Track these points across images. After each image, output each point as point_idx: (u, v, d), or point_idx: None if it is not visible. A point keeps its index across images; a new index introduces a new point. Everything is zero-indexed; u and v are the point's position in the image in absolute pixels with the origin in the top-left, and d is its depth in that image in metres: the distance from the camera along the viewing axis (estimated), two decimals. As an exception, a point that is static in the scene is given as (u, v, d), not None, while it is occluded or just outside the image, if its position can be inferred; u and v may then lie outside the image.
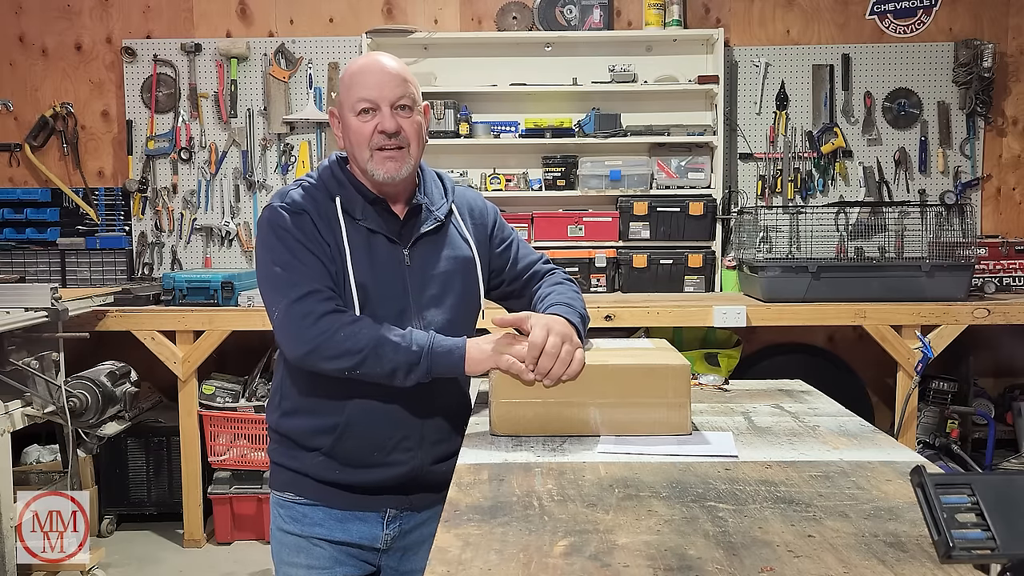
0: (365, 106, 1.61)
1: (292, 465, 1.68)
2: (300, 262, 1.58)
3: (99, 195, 4.28)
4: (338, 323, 1.54)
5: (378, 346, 1.53)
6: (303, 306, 1.55)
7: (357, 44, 4.17)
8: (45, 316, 2.99)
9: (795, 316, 3.59)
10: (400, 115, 1.62)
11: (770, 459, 1.37)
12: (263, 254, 1.63)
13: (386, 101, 1.61)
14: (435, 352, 1.55)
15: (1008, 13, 4.22)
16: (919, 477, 0.90)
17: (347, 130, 1.65)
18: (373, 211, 1.66)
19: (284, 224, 1.60)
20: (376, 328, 1.55)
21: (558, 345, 1.50)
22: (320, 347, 1.54)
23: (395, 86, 1.62)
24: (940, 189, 4.20)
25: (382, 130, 1.61)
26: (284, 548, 1.71)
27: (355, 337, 1.53)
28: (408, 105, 1.63)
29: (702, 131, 4.09)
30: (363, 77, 1.63)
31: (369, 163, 1.63)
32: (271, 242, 1.61)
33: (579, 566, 0.97)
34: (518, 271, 1.82)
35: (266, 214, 1.64)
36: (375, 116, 1.62)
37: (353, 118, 1.63)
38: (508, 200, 4.17)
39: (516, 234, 1.86)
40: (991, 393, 4.15)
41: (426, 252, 1.69)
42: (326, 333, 1.53)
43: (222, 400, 3.73)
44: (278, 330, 1.59)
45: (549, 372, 1.49)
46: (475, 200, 1.83)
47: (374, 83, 1.61)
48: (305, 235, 1.60)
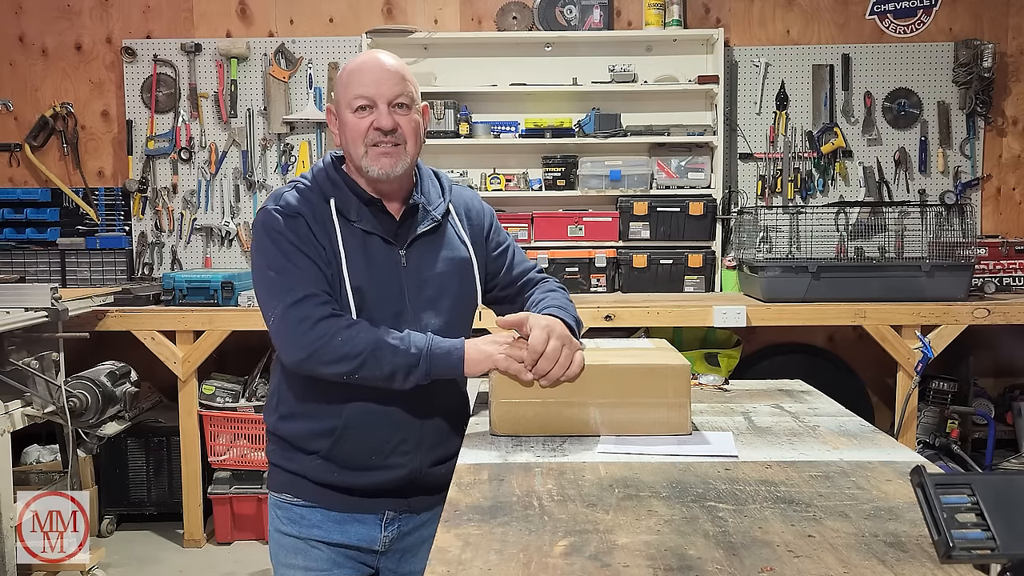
0: (362, 103, 1.61)
1: (290, 467, 1.67)
2: (295, 266, 1.57)
3: (99, 195, 4.28)
4: (335, 327, 1.53)
5: (376, 349, 1.52)
6: (299, 311, 1.54)
7: (357, 44, 4.17)
8: (45, 316, 2.99)
9: (795, 316, 3.59)
10: (397, 113, 1.62)
11: (770, 459, 1.37)
12: (258, 258, 1.62)
13: (383, 98, 1.60)
14: (434, 354, 1.54)
15: (1008, 13, 4.22)
16: (919, 477, 0.90)
17: (343, 127, 1.64)
18: (368, 212, 1.65)
19: (278, 227, 1.59)
20: (374, 331, 1.54)
21: (558, 348, 1.50)
22: (317, 352, 1.53)
23: (393, 84, 1.61)
24: (940, 189, 4.20)
25: (378, 127, 1.60)
26: (282, 549, 1.70)
27: (353, 341, 1.52)
28: (406, 103, 1.62)
29: (702, 131, 4.09)
30: (361, 74, 1.62)
31: (364, 159, 1.62)
32: (265, 245, 1.60)
33: (579, 566, 0.97)
34: (512, 277, 1.81)
35: (260, 217, 1.63)
36: (372, 113, 1.61)
37: (350, 115, 1.62)
38: (508, 200, 4.18)
39: (512, 239, 1.86)
40: (991, 393, 4.15)
41: (423, 253, 1.67)
42: (323, 338, 1.52)
43: (222, 400, 3.73)
44: (275, 335, 1.58)
45: (548, 374, 1.49)
46: (472, 200, 1.82)
47: (372, 80, 1.61)
48: (300, 238, 1.59)
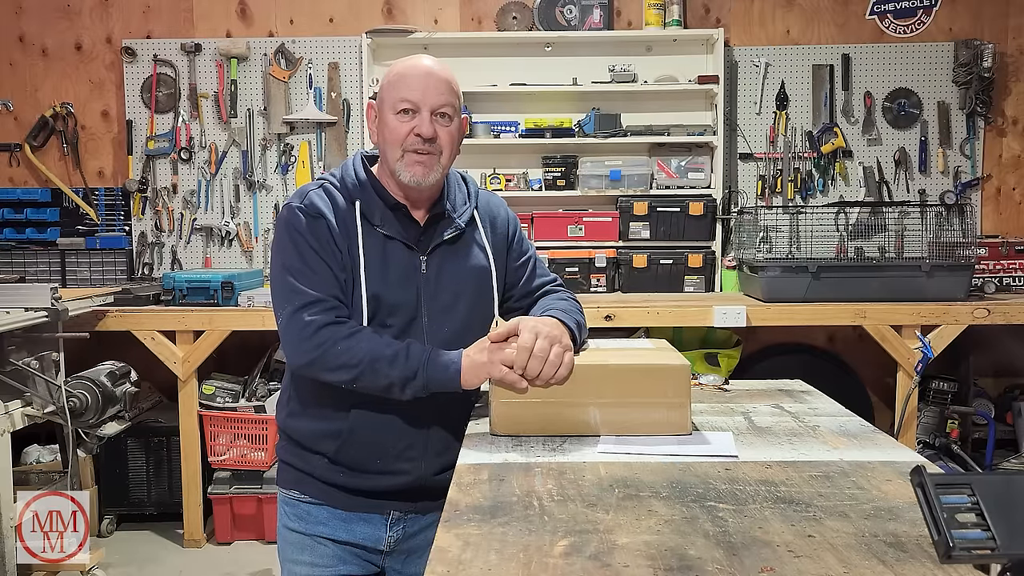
0: (406, 106, 1.60)
1: (298, 464, 1.68)
2: (309, 268, 1.57)
3: (99, 195, 4.28)
4: (336, 336, 1.53)
5: (374, 361, 1.52)
6: (303, 316, 1.55)
7: (357, 44, 4.17)
8: (45, 316, 2.99)
9: (795, 316, 3.59)
10: (439, 123, 1.61)
11: (770, 459, 1.37)
12: (276, 255, 1.63)
13: (428, 106, 1.60)
14: (431, 367, 1.53)
15: (1008, 13, 4.22)
16: (919, 477, 0.90)
17: (383, 127, 1.63)
18: (392, 216, 1.64)
19: (299, 227, 1.60)
20: (374, 341, 1.54)
21: (546, 348, 1.47)
22: (317, 360, 1.54)
23: (439, 93, 1.61)
24: (940, 189, 4.20)
25: (418, 133, 1.59)
26: (289, 546, 1.71)
27: (351, 351, 1.52)
28: (449, 114, 1.63)
29: (702, 131, 4.09)
30: (409, 78, 1.61)
31: (399, 163, 1.61)
32: (284, 243, 1.61)
33: (579, 566, 0.96)
34: (531, 288, 1.80)
35: (284, 213, 1.63)
36: (414, 118, 1.60)
37: (392, 116, 1.61)
38: (508, 200, 4.06)
39: (534, 250, 1.85)
40: (991, 393, 4.15)
41: (443, 260, 1.67)
42: (323, 346, 1.53)
43: (222, 400, 3.73)
44: (281, 337, 1.60)
45: (539, 374, 1.47)
46: (499, 208, 1.82)
47: (419, 85, 1.60)
48: (319, 241, 1.59)
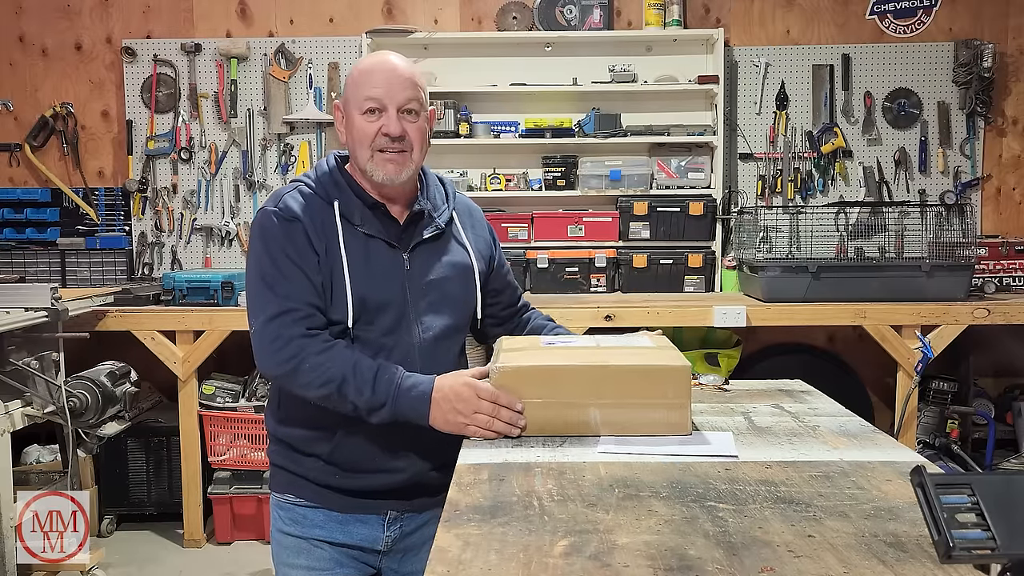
0: (372, 106, 1.59)
1: (291, 468, 1.67)
2: (283, 275, 1.55)
3: (99, 195, 4.28)
4: (307, 351, 1.51)
5: (342, 384, 1.50)
6: (274, 328, 1.53)
7: (357, 44, 4.17)
8: (45, 316, 2.99)
9: (795, 316, 3.59)
10: (406, 119, 1.60)
11: (770, 459, 1.37)
12: (250, 260, 1.61)
13: (393, 103, 1.59)
14: (399, 400, 1.50)
15: (1008, 13, 4.22)
16: (919, 477, 0.90)
17: (351, 127, 1.63)
18: (372, 215, 1.63)
19: (273, 232, 1.58)
20: (345, 362, 1.51)
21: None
22: (287, 375, 1.53)
23: (404, 89, 1.60)
24: (940, 189, 4.20)
25: (386, 133, 1.59)
26: (284, 550, 1.69)
27: (320, 369, 1.50)
28: (415, 110, 1.62)
29: (702, 131, 4.09)
30: (373, 76, 1.61)
31: (369, 163, 1.61)
32: (258, 249, 1.59)
33: (579, 566, 0.96)
34: (515, 297, 1.88)
35: (258, 217, 1.62)
36: (381, 117, 1.60)
37: (358, 116, 1.61)
38: (508, 200, 4.18)
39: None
40: (991, 393, 4.15)
41: (426, 258, 1.67)
42: (292, 361, 1.51)
43: (222, 400, 3.73)
44: (253, 346, 1.57)
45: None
46: (477, 212, 1.84)
47: (383, 83, 1.59)
48: (294, 245, 1.56)
